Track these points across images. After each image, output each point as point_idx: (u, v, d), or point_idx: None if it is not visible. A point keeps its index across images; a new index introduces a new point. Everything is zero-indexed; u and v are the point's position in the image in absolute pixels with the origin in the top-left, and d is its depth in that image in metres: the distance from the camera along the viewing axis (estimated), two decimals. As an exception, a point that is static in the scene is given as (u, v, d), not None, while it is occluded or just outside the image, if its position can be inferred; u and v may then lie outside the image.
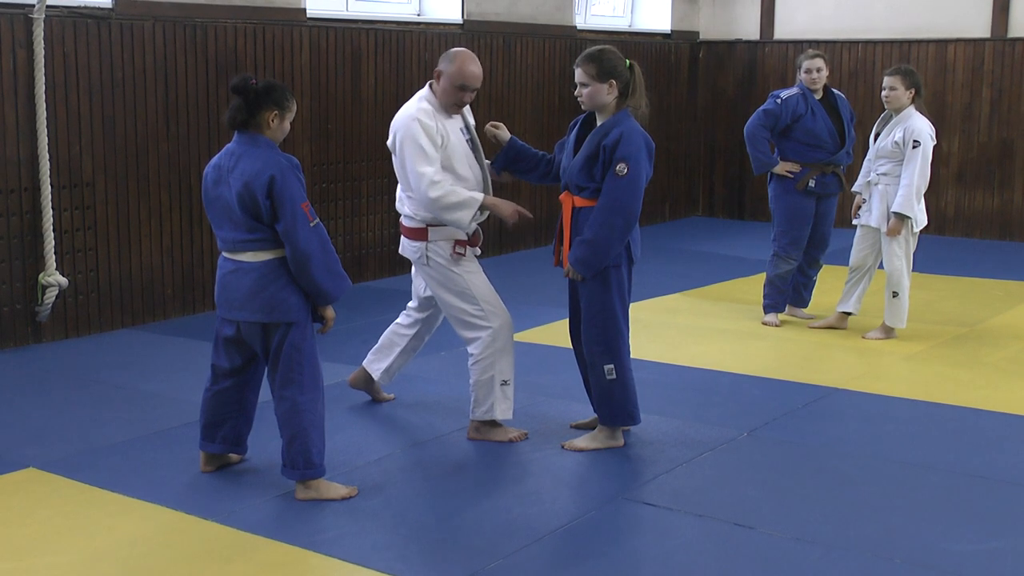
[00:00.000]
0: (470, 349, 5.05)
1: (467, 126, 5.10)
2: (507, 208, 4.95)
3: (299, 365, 4.34)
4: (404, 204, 5.07)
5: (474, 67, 4.97)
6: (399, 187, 5.11)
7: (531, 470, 4.74)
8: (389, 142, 5.00)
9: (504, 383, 5.03)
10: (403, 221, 5.10)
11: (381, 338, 5.52)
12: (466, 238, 5.03)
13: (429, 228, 4.97)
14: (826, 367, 6.38)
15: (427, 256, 5.00)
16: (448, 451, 4.95)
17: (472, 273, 5.02)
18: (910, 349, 6.67)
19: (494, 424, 5.09)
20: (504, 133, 5.18)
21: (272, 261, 4.30)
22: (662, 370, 6.21)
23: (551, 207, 5.12)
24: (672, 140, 11.79)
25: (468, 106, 5.09)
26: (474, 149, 5.08)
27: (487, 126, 5.17)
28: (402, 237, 5.14)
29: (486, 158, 5.16)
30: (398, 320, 5.50)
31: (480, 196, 4.88)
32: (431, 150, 4.83)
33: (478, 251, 5.11)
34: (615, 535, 4.18)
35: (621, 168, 4.69)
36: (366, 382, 5.57)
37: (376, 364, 5.51)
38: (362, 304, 7.52)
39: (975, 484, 4.63)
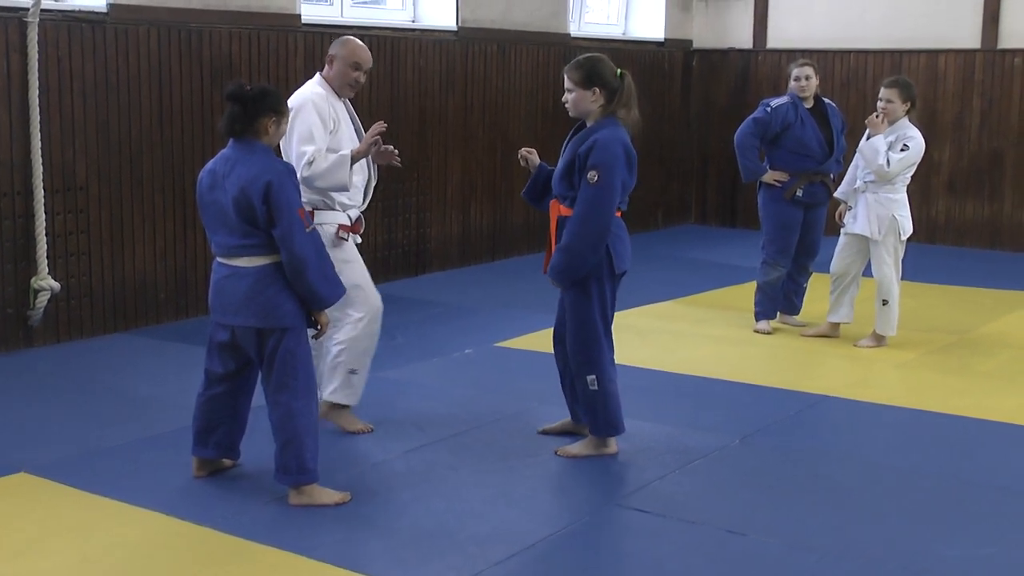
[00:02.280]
0: (335, 334, 5.13)
1: (353, 115, 5.27)
2: (366, 145, 4.97)
3: (293, 370, 4.35)
4: None
5: (364, 48, 5.23)
6: None
7: (523, 476, 4.75)
8: None
9: (352, 371, 5.15)
10: None
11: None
12: (349, 223, 5.15)
13: (315, 212, 5.05)
14: (818, 374, 6.40)
15: None
16: (441, 457, 4.95)
17: (348, 262, 5.09)
18: (901, 357, 6.69)
19: (341, 408, 5.20)
20: (535, 158, 5.14)
21: (267, 266, 4.30)
22: (655, 377, 6.22)
23: (544, 214, 5.12)
24: (665, 148, 11.82)
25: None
26: (359, 136, 5.21)
27: (521, 151, 5.17)
28: None
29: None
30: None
31: (347, 151, 4.97)
32: (319, 132, 4.96)
33: (359, 239, 5.23)
34: (607, 542, 4.18)
35: (592, 176, 4.68)
36: (336, 416, 5.29)
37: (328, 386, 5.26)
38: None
39: (967, 490, 4.64)
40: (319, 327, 4.44)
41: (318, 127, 4.96)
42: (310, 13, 8.28)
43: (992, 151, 10.65)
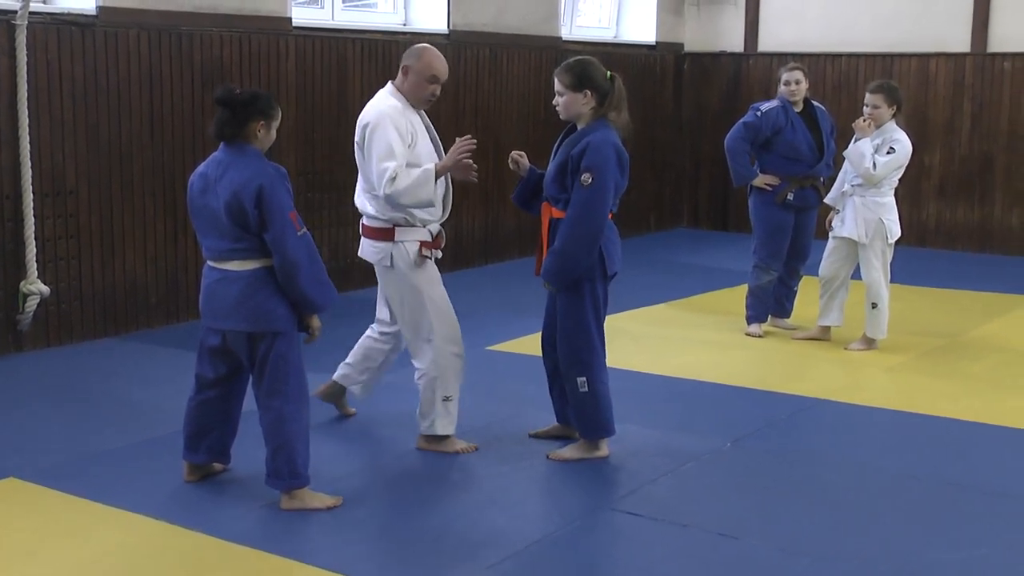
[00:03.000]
0: (415, 362, 5.02)
1: (429, 125, 5.05)
2: (449, 160, 4.82)
3: (285, 375, 4.34)
4: (367, 203, 4.96)
5: (441, 59, 4.95)
6: (359, 185, 5.02)
7: (515, 480, 4.74)
8: (357, 138, 4.88)
9: (446, 399, 4.98)
10: (366, 221, 4.99)
11: (356, 352, 5.39)
12: (430, 238, 4.97)
13: (396, 228, 4.89)
14: (809, 378, 6.41)
15: (392, 258, 4.92)
16: (432, 461, 4.94)
17: (433, 283, 4.97)
18: (892, 360, 6.70)
19: (440, 438, 5.04)
20: (525, 162, 5.09)
21: (259, 270, 4.29)
22: (646, 380, 6.22)
23: (535, 219, 5.11)
24: (657, 151, 11.83)
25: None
26: (436, 149, 5.03)
27: (511, 154, 5.09)
28: (363, 239, 5.02)
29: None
30: (371, 334, 5.37)
31: (431, 166, 4.78)
32: (400, 148, 4.75)
33: (439, 254, 5.04)
34: (599, 545, 4.18)
35: (586, 178, 4.67)
36: (337, 395, 5.49)
37: (355, 378, 5.40)
38: (347, 314, 7.48)
39: (957, 493, 4.65)
40: (310, 331, 4.42)
41: (397, 143, 4.74)
42: (301, 16, 8.27)
43: (982, 155, 10.68)
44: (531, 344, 6.67)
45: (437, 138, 5.07)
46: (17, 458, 4.90)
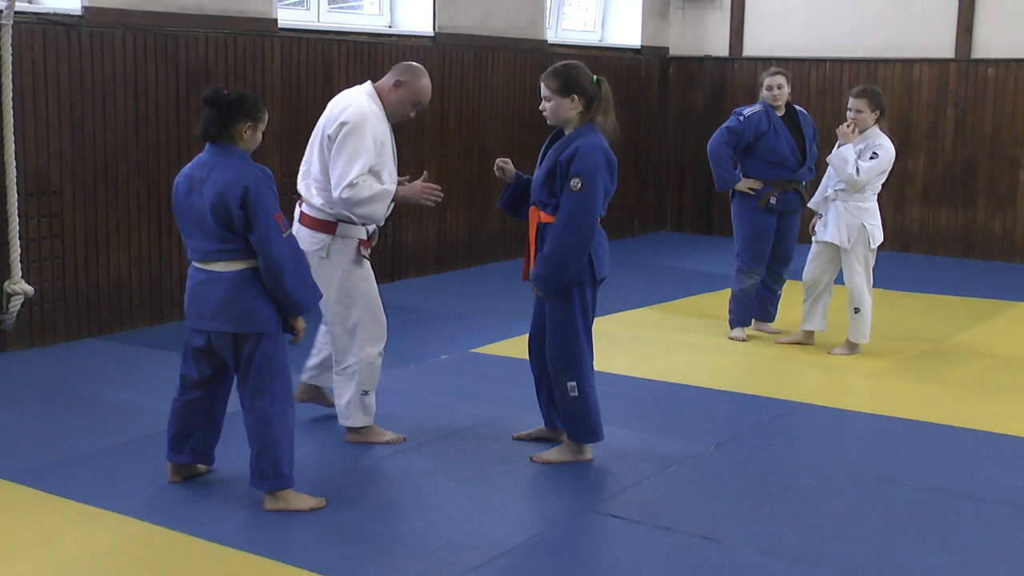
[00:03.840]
0: (339, 356, 5.10)
1: (393, 137, 5.13)
2: (412, 191, 5.01)
3: (270, 376, 4.34)
4: (314, 194, 5.02)
5: (431, 88, 5.12)
6: (306, 171, 5.10)
7: (499, 482, 4.75)
8: (331, 130, 4.89)
9: (365, 393, 5.11)
10: (307, 210, 5.05)
11: (318, 351, 5.46)
12: (366, 237, 5.06)
13: (339, 224, 4.98)
14: (792, 382, 6.43)
15: (328, 251, 4.99)
16: (416, 462, 4.95)
17: (367, 281, 5.07)
18: (874, 365, 6.73)
19: (361, 429, 5.17)
20: (511, 168, 5.09)
21: (244, 271, 4.29)
22: (630, 384, 6.24)
23: (521, 222, 5.12)
24: (641, 155, 11.86)
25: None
26: (396, 160, 5.15)
27: (496, 161, 5.09)
28: (299, 225, 5.05)
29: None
30: (325, 329, 5.39)
31: (393, 188, 4.93)
32: (370, 156, 4.84)
33: (368, 252, 5.15)
34: (582, 548, 4.19)
35: (575, 183, 4.68)
36: (313, 393, 5.55)
37: (323, 376, 5.47)
38: (331, 315, 7.50)
39: (938, 498, 4.68)
40: (295, 332, 4.43)
41: (370, 150, 4.82)
42: (287, 18, 8.27)
43: (966, 160, 10.74)
44: (515, 347, 6.70)
45: (396, 151, 5.16)
46: (-1, 458, 4.89)
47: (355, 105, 4.92)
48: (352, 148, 4.81)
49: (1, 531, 4.17)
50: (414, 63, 5.12)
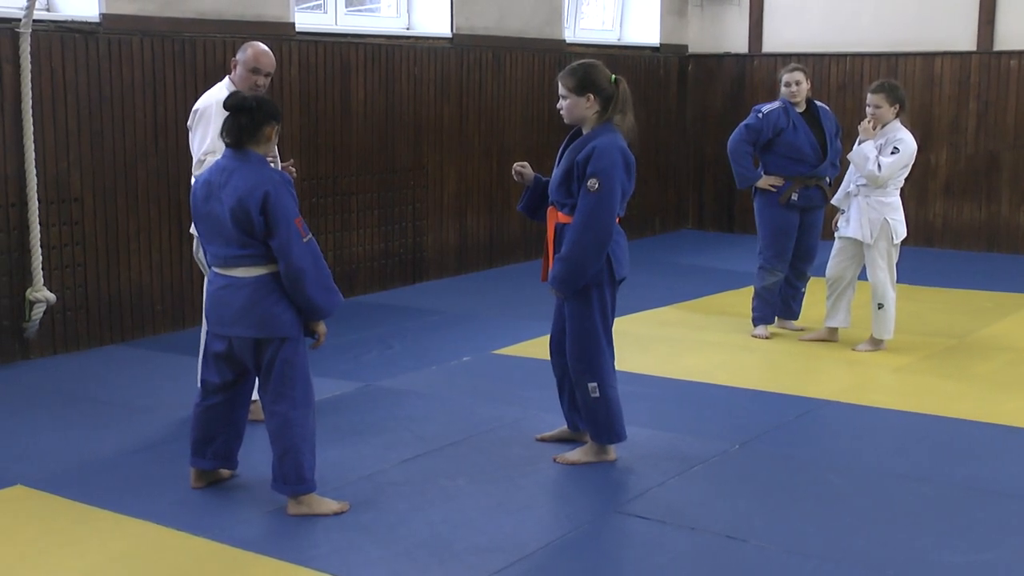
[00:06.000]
0: None
1: None
2: None
3: (291, 380, 4.33)
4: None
5: (266, 53, 5.44)
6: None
7: (522, 484, 4.73)
8: (189, 122, 5.38)
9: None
10: None
11: None
12: None
13: None
14: (817, 379, 6.39)
15: None
16: (439, 466, 4.93)
17: None
18: (899, 361, 6.68)
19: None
20: (530, 172, 5.06)
21: (264, 276, 4.28)
22: (654, 383, 6.21)
23: (541, 223, 5.09)
24: (661, 153, 11.82)
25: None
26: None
27: (514, 166, 5.06)
28: None
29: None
30: None
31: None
32: (215, 136, 5.05)
33: None
34: (607, 549, 4.17)
35: (592, 184, 4.65)
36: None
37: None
38: (353, 319, 7.51)
39: (966, 495, 4.63)
40: (316, 337, 4.42)
41: (215, 132, 5.07)
42: (304, 22, 8.27)
43: (988, 153, 10.65)
44: (536, 348, 6.67)
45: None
46: (24, 465, 4.90)
47: (206, 94, 5.42)
48: (201, 130, 5.27)
49: (26, 539, 4.19)
50: (248, 42, 5.52)
